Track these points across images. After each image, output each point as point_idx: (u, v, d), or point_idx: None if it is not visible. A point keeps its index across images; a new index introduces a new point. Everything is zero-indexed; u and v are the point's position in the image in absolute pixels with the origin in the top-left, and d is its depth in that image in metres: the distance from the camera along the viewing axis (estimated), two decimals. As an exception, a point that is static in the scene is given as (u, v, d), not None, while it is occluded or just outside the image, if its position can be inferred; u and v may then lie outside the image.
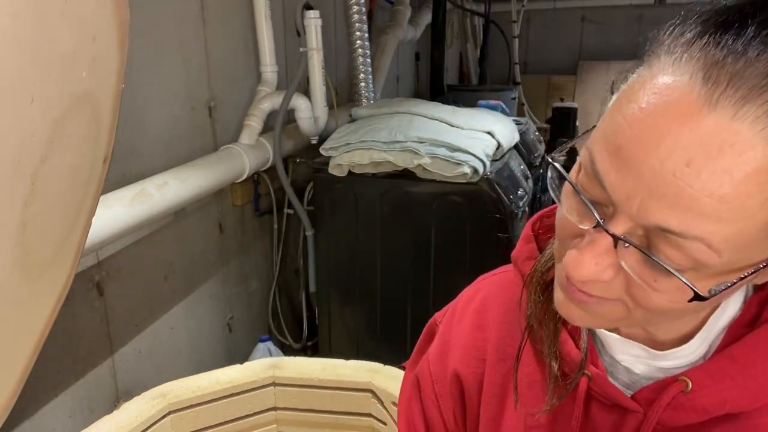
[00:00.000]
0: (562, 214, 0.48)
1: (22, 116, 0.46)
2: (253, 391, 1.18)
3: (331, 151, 1.98)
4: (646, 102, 0.41)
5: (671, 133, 0.39)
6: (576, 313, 0.49)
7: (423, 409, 0.70)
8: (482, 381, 0.64)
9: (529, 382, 0.61)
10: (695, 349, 0.52)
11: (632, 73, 0.45)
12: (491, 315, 0.66)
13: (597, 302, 0.47)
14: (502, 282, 0.69)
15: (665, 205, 0.39)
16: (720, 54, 0.39)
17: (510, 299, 0.65)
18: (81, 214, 0.62)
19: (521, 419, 0.60)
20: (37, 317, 0.61)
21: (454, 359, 0.67)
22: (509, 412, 0.62)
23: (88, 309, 1.50)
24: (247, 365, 1.21)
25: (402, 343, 2.07)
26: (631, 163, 0.41)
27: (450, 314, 0.72)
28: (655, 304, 0.44)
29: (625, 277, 0.44)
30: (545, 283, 0.58)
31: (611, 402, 0.54)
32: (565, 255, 0.47)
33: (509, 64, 5.31)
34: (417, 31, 3.65)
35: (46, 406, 1.41)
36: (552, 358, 0.57)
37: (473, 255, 1.90)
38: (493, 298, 0.68)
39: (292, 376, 1.19)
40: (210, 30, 1.87)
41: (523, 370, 0.61)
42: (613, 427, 0.55)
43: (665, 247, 0.41)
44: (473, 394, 0.65)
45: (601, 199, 0.44)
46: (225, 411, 1.16)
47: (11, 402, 0.61)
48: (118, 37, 0.56)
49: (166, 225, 1.76)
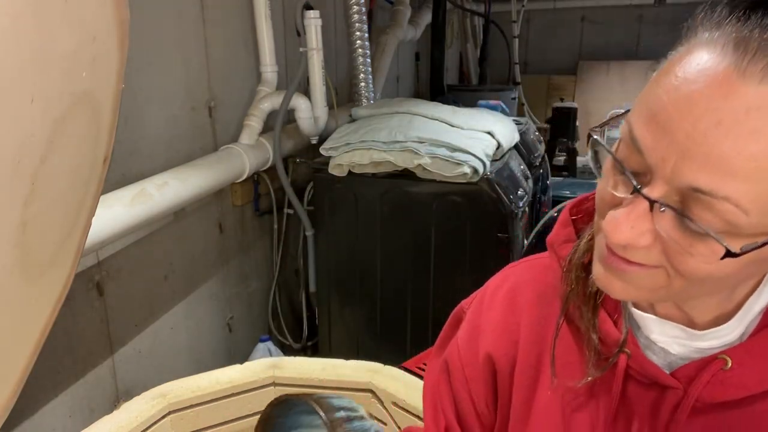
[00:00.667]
0: (602, 186, 0.51)
1: (22, 116, 0.46)
2: (253, 391, 1.18)
3: (331, 151, 1.98)
4: (681, 72, 0.44)
5: (703, 97, 0.42)
6: (616, 284, 0.51)
7: (452, 393, 0.71)
8: (515, 363, 0.66)
9: (564, 362, 0.62)
10: (732, 330, 0.54)
11: (672, 51, 0.48)
12: (523, 299, 0.68)
13: (637, 271, 0.49)
14: (532, 268, 0.71)
15: (697, 166, 0.42)
16: (749, 28, 0.43)
17: (543, 283, 0.67)
18: (81, 214, 0.62)
19: (557, 398, 0.62)
20: (37, 317, 0.61)
21: (486, 342, 0.68)
22: (543, 392, 0.63)
23: (88, 309, 1.50)
24: (247, 365, 1.21)
25: (402, 343, 2.07)
26: (665, 126, 0.44)
27: (478, 300, 0.73)
28: (692, 269, 0.46)
29: (663, 244, 0.47)
30: (583, 266, 0.60)
31: (650, 380, 0.56)
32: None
33: (509, 64, 5.31)
34: (417, 31, 3.65)
35: (46, 406, 1.41)
36: (591, 336, 0.58)
37: (473, 255, 1.89)
38: (525, 283, 0.69)
39: (292, 376, 1.19)
40: (210, 30, 1.87)
41: (559, 350, 0.62)
42: (651, 405, 0.56)
43: (698, 209, 0.44)
44: (505, 376, 0.66)
45: (639, 168, 0.47)
46: (225, 411, 1.16)
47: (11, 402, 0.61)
48: (118, 37, 0.56)
49: (166, 225, 1.76)
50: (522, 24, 5.55)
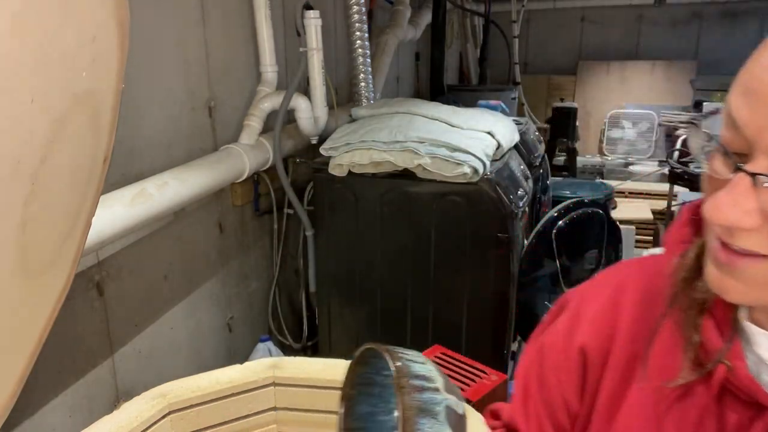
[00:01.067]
0: (706, 174, 0.51)
1: (22, 116, 0.46)
2: (253, 391, 1.18)
3: (331, 151, 1.98)
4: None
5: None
6: (729, 283, 0.50)
7: (542, 377, 0.72)
8: (608, 358, 0.66)
9: (662, 365, 0.61)
10: None
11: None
12: (628, 297, 0.68)
13: (749, 263, 0.48)
14: (643, 268, 0.71)
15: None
16: None
17: (650, 284, 0.66)
18: (81, 214, 0.62)
19: (650, 399, 0.61)
20: (37, 317, 0.61)
21: (583, 333, 0.68)
22: (635, 391, 0.63)
23: (88, 309, 1.50)
24: (247, 365, 1.20)
25: (402, 343, 2.05)
26: (761, 97, 0.44)
27: (584, 291, 0.74)
28: None
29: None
30: (695, 269, 0.59)
31: (749, 397, 0.54)
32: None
33: (509, 64, 5.31)
34: (417, 31, 3.65)
35: (46, 406, 1.41)
36: (691, 339, 0.57)
37: (473, 255, 1.89)
38: (632, 282, 0.69)
39: (292, 376, 1.19)
40: (210, 30, 1.87)
41: (658, 352, 0.62)
42: (746, 420, 0.55)
43: None
44: (596, 369, 0.67)
45: (740, 148, 0.47)
46: (225, 411, 1.16)
47: (11, 402, 0.61)
48: (118, 37, 0.55)
49: (166, 225, 1.76)
50: (522, 24, 5.55)
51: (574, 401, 0.69)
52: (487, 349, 1.95)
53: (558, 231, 2.09)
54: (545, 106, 6.01)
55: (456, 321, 1.97)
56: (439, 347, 1.53)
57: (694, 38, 5.65)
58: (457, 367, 1.43)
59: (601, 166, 5.71)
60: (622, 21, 5.82)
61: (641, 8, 5.62)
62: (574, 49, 6.07)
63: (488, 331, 1.95)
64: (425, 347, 1.71)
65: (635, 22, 5.78)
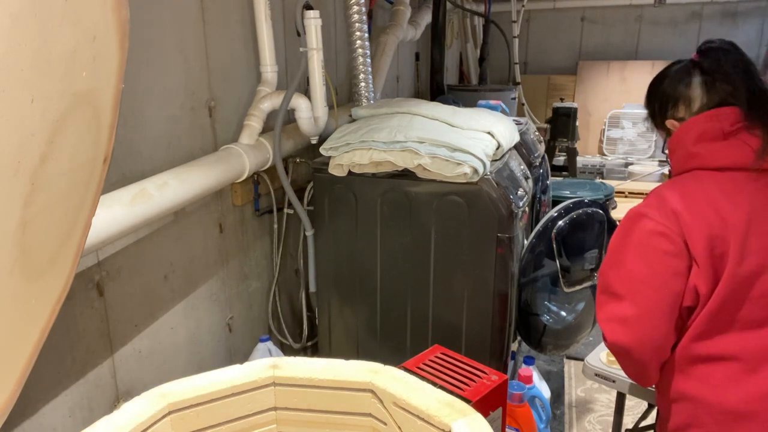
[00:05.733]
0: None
1: (22, 116, 0.46)
2: (253, 391, 1.18)
3: (331, 151, 1.98)
4: None
5: None
6: None
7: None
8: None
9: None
10: None
11: None
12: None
13: None
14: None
15: None
16: None
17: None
18: (81, 214, 0.62)
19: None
20: (37, 317, 0.61)
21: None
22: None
23: (88, 309, 1.50)
24: (247, 365, 1.20)
25: (402, 343, 2.07)
26: None
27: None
28: None
29: None
30: None
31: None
32: None
33: (509, 64, 5.31)
34: (417, 31, 3.65)
35: (46, 406, 1.41)
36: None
37: (473, 255, 1.89)
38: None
39: (292, 376, 1.19)
40: (210, 30, 1.87)
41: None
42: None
43: None
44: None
45: None
46: (225, 411, 1.16)
47: (11, 402, 0.61)
48: (118, 37, 0.55)
49: (166, 225, 1.76)
50: (522, 24, 5.55)
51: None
52: (487, 349, 1.96)
53: (558, 231, 2.09)
54: (545, 106, 6.01)
55: (456, 321, 1.97)
56: (439, 347, 1.53)
57: (694, 38, 5.65)
58: (457, 367, 1.42)
59: (601, 166, 5.71)
60: (622, 21, 5.83)
61: (641, 8, 5.63)
62: (574, 49, 6.07)
63: (488, 331, 1.95)
64: (425, 347, 1.71)
65: (635, 22, 5.78)
